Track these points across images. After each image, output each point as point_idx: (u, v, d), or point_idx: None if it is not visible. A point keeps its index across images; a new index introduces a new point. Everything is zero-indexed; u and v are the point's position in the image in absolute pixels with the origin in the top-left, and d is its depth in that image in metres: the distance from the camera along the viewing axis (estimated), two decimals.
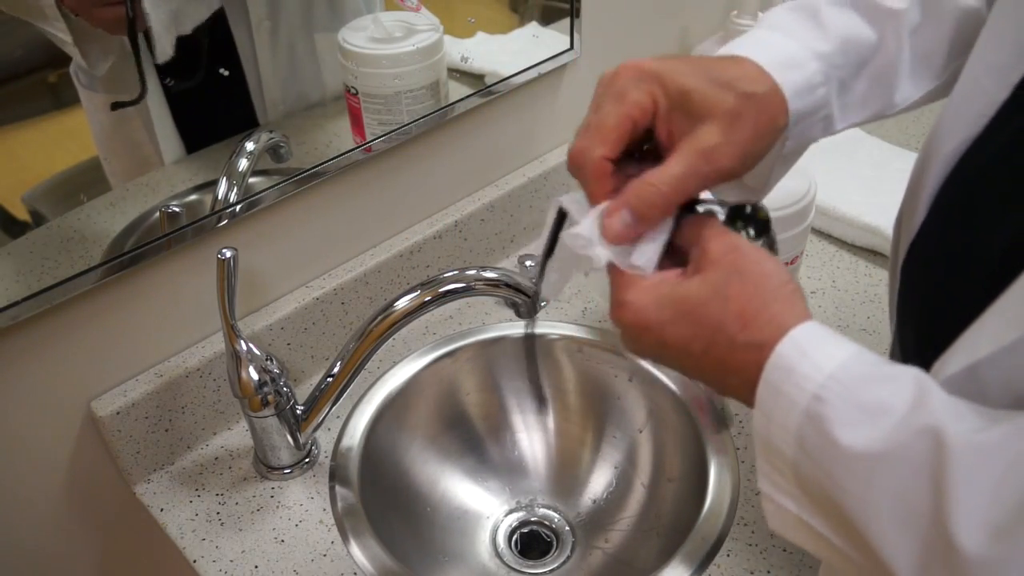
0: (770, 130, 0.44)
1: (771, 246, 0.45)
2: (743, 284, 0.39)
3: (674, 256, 0.44)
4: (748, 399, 0.39)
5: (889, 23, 0.49)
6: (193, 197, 0.71)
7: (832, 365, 0.36)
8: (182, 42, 0.66)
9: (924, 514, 0.33)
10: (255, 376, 0.69)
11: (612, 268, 0.43)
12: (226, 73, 0.71)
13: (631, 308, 0.41)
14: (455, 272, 0.71)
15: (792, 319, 0.38)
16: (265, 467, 0.76)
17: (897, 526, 0.33)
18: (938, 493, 0.32)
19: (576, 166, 0.43)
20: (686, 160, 0.42)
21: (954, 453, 0.32)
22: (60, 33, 0.59)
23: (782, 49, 0.46)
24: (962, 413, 0.34)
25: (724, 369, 0.40)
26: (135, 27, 0.61)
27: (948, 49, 0.50)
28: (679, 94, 0.42)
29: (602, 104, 0.43)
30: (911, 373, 0.36)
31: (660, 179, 0.42)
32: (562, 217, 0.45)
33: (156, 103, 0.67)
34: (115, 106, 0.64)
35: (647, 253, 0.43)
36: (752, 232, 0.44)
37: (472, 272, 0.71)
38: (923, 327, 0.46)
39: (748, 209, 0.44)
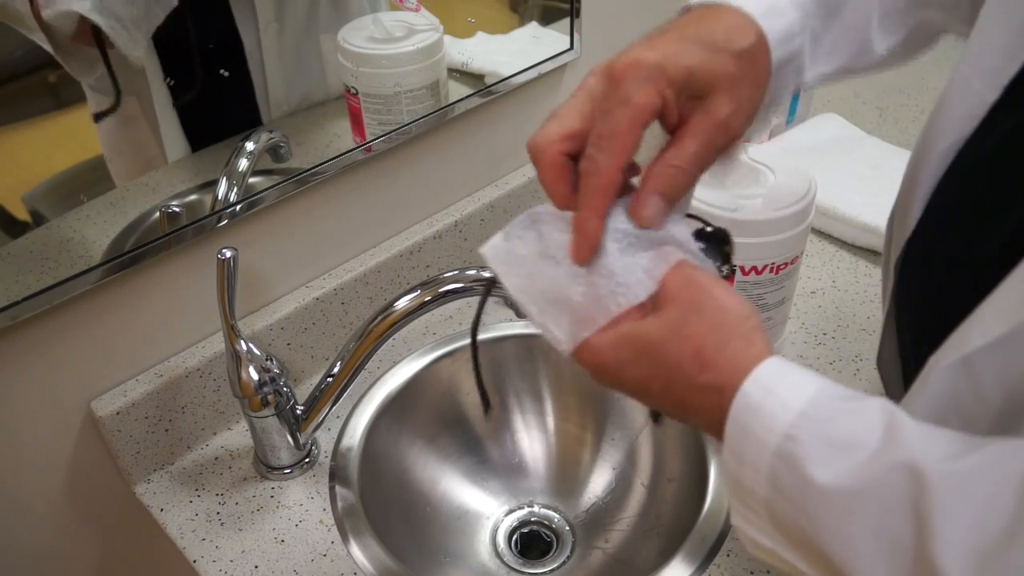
0: (764, 79, 0.45)
1: (727, 257, 0.45)
2: (700, 322, 0.39)
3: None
4: (714, 436, 0.39)
5: None
6: (193, 197, 0.71)
7: (801, 402, 0.36)
8: (188, 44, 0.66)
9: (907, 548, 0.32)
10: (255, 376, 0.69)
11: None
12: (226, 74, 0.71)
13: (588, 347, 0.42)
14: (455, 272, 0.71)
15: (749, 359, 0.38)
16: (265, 467, 0.76)
17: (879, 561, 0.33)
18: (920, 525, 0.32)
19: (588, 175, 0.43)
20: (704, 135, 0.42)
21: (933, 484, 0.32)
22: (43, 44, 0.58)
23: None
24: (934, 441, 0.34)
25: (685, 408, 0.40)
26: (103, 41, 0.60)
27: (907, 1, 0.51)
28: (683, 77, 0.42)
29: (611, 110, 0.42)
30: (878, 404, 0.36)
31: (681, 159, 0.42)
32: (489, 289, 0.46)
33: (163, 105, 0.67)
34: (98, 117, 0.63)
35: (680, 232, 0.43)
36: (705, 246, 0.44)
37: (472, 272, 0.71)
38: (920, 324, 0.46)
39: (708, 228, 0.44)
